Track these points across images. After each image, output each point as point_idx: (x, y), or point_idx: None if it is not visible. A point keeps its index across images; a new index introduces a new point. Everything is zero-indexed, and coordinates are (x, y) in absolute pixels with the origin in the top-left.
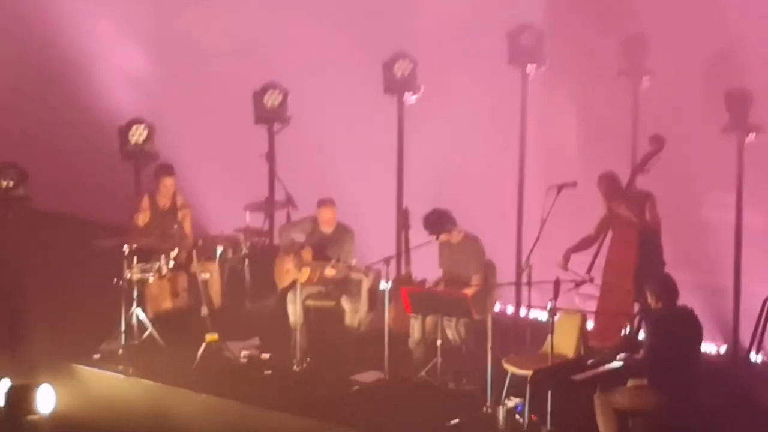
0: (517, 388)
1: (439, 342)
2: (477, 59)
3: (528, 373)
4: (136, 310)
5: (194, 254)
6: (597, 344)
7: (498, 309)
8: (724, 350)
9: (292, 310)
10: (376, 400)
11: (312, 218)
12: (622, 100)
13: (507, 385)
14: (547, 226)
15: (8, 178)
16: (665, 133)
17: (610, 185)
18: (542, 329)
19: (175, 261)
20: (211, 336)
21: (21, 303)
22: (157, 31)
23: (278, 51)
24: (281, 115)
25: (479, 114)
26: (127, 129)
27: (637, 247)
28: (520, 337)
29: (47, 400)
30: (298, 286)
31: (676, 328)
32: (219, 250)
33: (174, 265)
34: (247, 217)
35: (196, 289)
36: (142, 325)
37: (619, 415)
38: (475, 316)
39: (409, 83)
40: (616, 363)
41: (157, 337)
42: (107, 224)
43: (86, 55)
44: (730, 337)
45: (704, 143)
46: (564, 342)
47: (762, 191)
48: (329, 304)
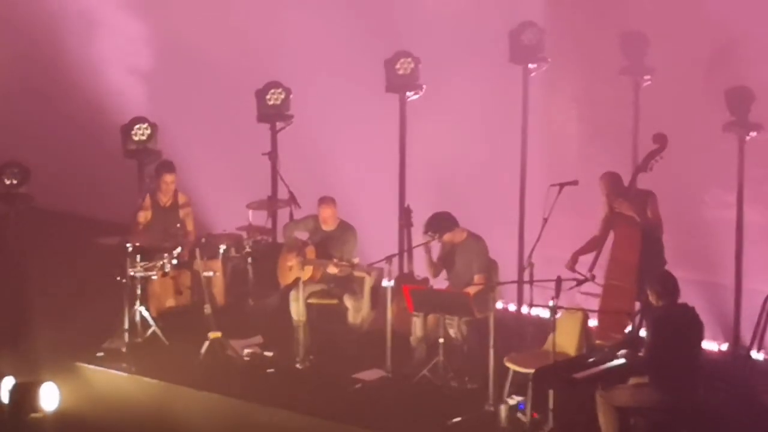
0: (519, 386)
1: (441, 340)
2: (478, 58)
3: (530, 371)
4: (139, 308)
5: (197, 252)
6: (600, 342)
7: (500, 307)
8: (725, 348)
9: (294, 308)
10: (378, 398)
11: (314, 216)
12: (623, 99)
13: (509, 383)
14: (549, 225)
15: (11, 177)
16: (666, 131)
17: (612, 184)
18: (544, 327)
19: (178, 259)
20: (214, 334)
21: (24, 301)
22: (161, 30)
23: (281, 50)
24: (284, 114)
25: (481, 112)
26: (129, 127)
27: (639, 246)
28: (521, 336)
29: (51, 397)
30: (300, 284)
31: (678, 326)
32: (222, 248)
33: (177, 263)
34: (250, 216)
35: (199, 287)
36: (146, 323)
37: (621, 413)
38: (477, 314)
39: (410, 82)
40: (618, 361)
41: (161, 335)
42: (110, 222)
43: (89, 54)
44: (731, 335)
45: (705, 141)
46: (566, 340)
47: (763, 189)
48: (332, 302)
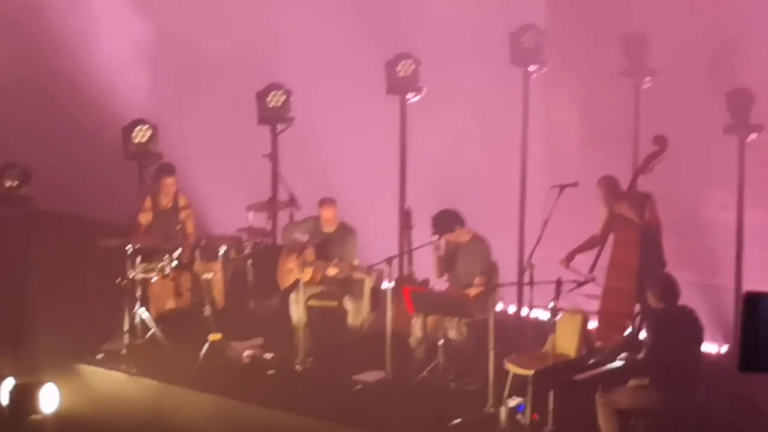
0: (519, 388)
1: (441, 342)
2: (479, 60)
3: (530, 373)
4: (139, 309)
5: (197, 254)
6: (600, 344)
7: (500, 309)
8: (725, 350)
9: (294, 310)
10: (378, 400)
11: (314, 218)
12: (623, 101)
13: (509, 385)
14: (549, 226)
15: (11, 178)
16: (666, 133)
17: (609, 188)
18: (544, 329)
19: (178, 261)
20: (214, 336)
21: (24, 302)
22: (162, 32)
23: (281, 51)
24: (284, 116)
25: (481, 114)
26: (130, 129)
27: (639, 248)
28: (521, 337)
29: (51, 399)
30: (300, 286)
31: (678, 328)
32: (222, 250)
33: (177, 265)
34: (250, 217)
35: (199, 289)
36: (146, 324)
37: (621, 415)
38: (477, 316)
39: (411, 84)
40: (618, 363)
41: (160, 336)
42: (110, 224)
43: (90, 55)
44: (731, 337)
45: (705, 143)
46: (566, 342)
47: (763, 191)
48: (332, 304)
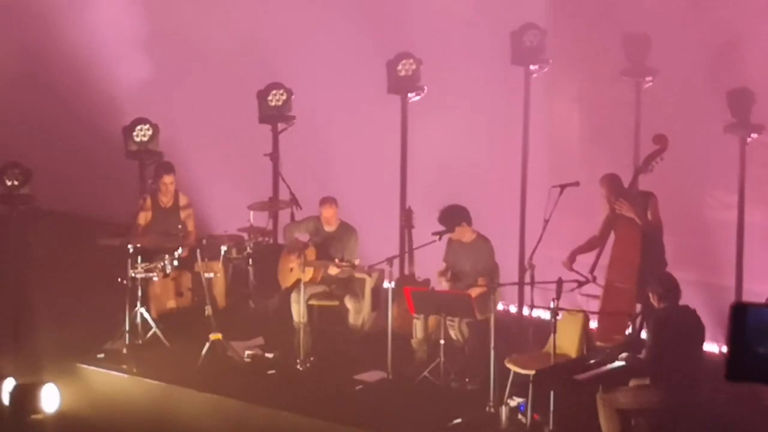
0: (520, 387)
1: (442, 342)
2: (480, 59)
3: (531, 372)
4: (140, 309)
5: (198, 253)
6: (601, 344)
7: (501, 309)
8: (726, 350)
9: (295, 309)
10: (379, 400)
11: (315, 217)
12: (625, 100)
13: (510, 384)
14: (550, 226)
15: (13, 178)
16: (668, 132)
17: (612, 186)
18: (545, 329)
19: (179, 260)
20: (215, 335)
21: (25, 302)
22: (163, 31)
23: (282, 51)
24: (285, 115)
25: (482, 114)
26: (131, 128)
27: (640, 247)
28: (522, 337)
29: (51, 399)
30: (301, 285)
31: (679, 327)
32: (223, 250)
33: (178, 265)
34: (251, 217)
35: (200, 289)
36: (146, 324)
37: (622, 415)
38: (478, 315)
39: (412, 83)
40: (619, 362)
41: (161, 336)
42: (111, 223)
43: (91, 55)
44: None
45: (707, 143)
46: (566, 342)
47: (764, 191)
48: (333, 303)
